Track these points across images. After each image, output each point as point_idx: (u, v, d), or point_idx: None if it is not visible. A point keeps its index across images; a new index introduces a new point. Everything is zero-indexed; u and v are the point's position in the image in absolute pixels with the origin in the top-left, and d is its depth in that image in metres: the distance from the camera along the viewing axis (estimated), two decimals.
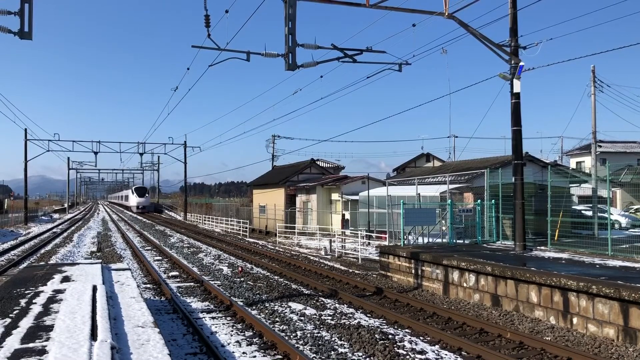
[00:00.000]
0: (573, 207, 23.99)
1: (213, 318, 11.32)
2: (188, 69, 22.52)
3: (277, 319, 11.13)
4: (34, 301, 8.76)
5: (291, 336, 9.82)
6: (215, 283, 15.62)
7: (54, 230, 41.54)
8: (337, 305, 12.54)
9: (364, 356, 8.66)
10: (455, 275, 13.90)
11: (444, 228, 19.58)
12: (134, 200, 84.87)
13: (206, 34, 13.92)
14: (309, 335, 9.84)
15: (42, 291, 9.69)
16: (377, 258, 19.24)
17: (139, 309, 8.92)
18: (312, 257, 23.14)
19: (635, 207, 35.30)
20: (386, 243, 21.17)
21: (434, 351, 8.96)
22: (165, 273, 17.99)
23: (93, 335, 6.58)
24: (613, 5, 13.70)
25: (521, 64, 15.22)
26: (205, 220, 53.05)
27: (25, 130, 52.01)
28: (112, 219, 63.18)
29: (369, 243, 24.63)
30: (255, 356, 8.65)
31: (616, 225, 26.85)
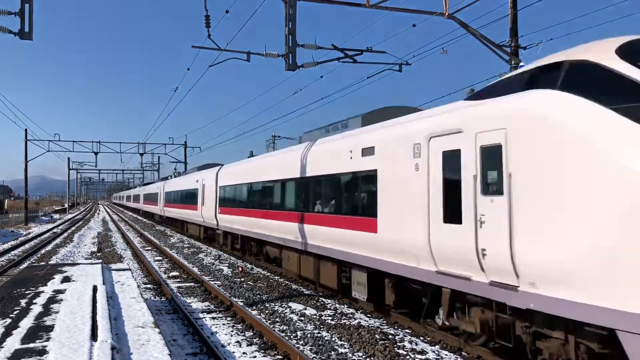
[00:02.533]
0: None
1: (213, 318, 11.33)
2: (188, 69, 22.48)
3: (277, 319, 11.13)
4: (34, 301, 8.77)
5: (291, 336, 9.82)
6: (215, 283, 15.62)
7: (54, 230, 41.56)
8: (337, 305, 12.54)
9: (364, 356, 8.66)
10: None
11: None
12: None
13: (206, 34, 13.94)
14: (309, 335, 9.84)
15: (42, 291, 9.70)
16: None
17: (140, 309, 8.94)
18: None
19: None
20: None
21: (434, 351, 8.96)
22: (165, 273, 17.99)
23: (93, 336, 6.59)
24: (613, 6, 13.68)
25: (521, 64, 15.19)
26: None
27: (26, 130, 52.03)
28: (112, 219, 63.20)
29: None
30: (255, 356, 8.66)
31: None
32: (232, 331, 10.26)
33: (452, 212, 8.09)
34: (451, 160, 8.16)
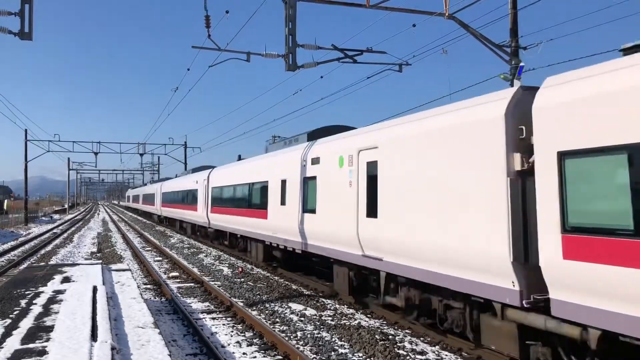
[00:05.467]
0: None
1: (213, 319, 11.32)
2: (188, 69, 22.46)
3: (277, 320, 11.13)
4: (34, 302, 8.77)
5: (291, 337, 9.81)
6: (215, 284, 15.61)
7: (54, 230, 41.54)
8: (337, 305, 12.54)
9: (364, 357, 8.66)
10: None
11: None
12: None
13: (206, 34, 13.93)
14: (309, 335, 9.84)
15: (42, 292, 9.70)
16: None
17: (140, 309, 8.95)
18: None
19: None
20: None
21: (434, 352, 8.96)
22: (165, 274, 17.99)
23: (93, 336, 6.59)
24: (614, 6, 13.68)
25: (522, 64, 15.19)
26: None
27: (26, 130, 51.99)
28: (112, 219, 63.19)
29: None
30: (255, 357, 8.65)
31: None
32: (232, 332, 10.26)
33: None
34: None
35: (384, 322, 11.01)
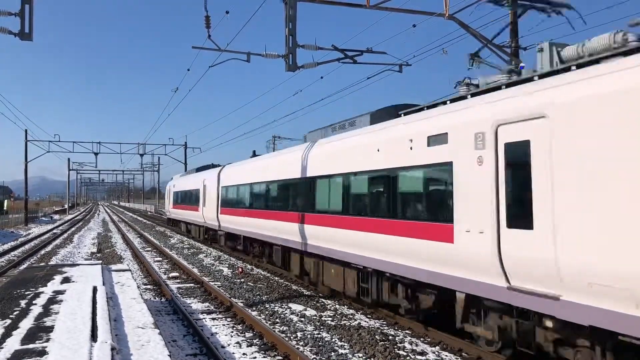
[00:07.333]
0: None
1: (213, 319, 11.32)
2: (188, 69, 22.48)
3: (277, 320, 11.12)
4: (34, 302, 8.77)
5: (292, 337, 9.81)
6: (215, 284, 15.60)
7: (54, 231, 41.52)
8: (337, 306, 12.53)
9: (364, 357, 8.66)
10: None
11: None
12: None
13: (206, 34, 13.93)
14: (309, 336, 9.83)
15: (42, 292, 9.71)
16: None
17: (140, 309, 8.95)
18: None
19: None
20: None
21: (434, 352, 8.95)
22: (165, 274, 17.98)
23: (93, 336, 6.60)
24: (615, 6, 13.69)
25: (522, 64, 15.17)
26: None
27: (26, 131, 51.98)
28: (112, 220, 63.19)
29: None
30: (255, 357, 8.65)
31: None
32: (232, 332, 10.25)
33: None
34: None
35: (384, 322, 11.00)
